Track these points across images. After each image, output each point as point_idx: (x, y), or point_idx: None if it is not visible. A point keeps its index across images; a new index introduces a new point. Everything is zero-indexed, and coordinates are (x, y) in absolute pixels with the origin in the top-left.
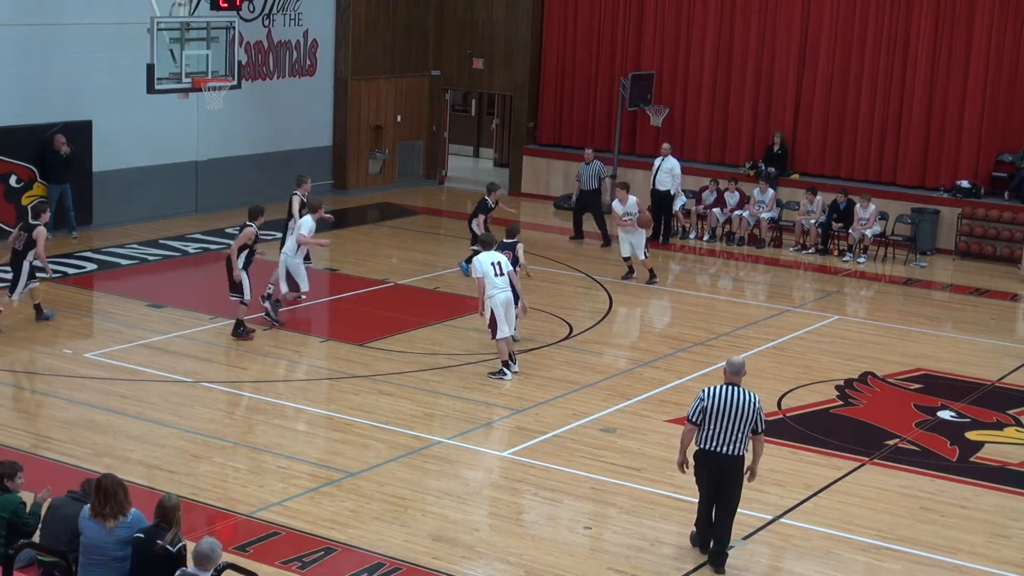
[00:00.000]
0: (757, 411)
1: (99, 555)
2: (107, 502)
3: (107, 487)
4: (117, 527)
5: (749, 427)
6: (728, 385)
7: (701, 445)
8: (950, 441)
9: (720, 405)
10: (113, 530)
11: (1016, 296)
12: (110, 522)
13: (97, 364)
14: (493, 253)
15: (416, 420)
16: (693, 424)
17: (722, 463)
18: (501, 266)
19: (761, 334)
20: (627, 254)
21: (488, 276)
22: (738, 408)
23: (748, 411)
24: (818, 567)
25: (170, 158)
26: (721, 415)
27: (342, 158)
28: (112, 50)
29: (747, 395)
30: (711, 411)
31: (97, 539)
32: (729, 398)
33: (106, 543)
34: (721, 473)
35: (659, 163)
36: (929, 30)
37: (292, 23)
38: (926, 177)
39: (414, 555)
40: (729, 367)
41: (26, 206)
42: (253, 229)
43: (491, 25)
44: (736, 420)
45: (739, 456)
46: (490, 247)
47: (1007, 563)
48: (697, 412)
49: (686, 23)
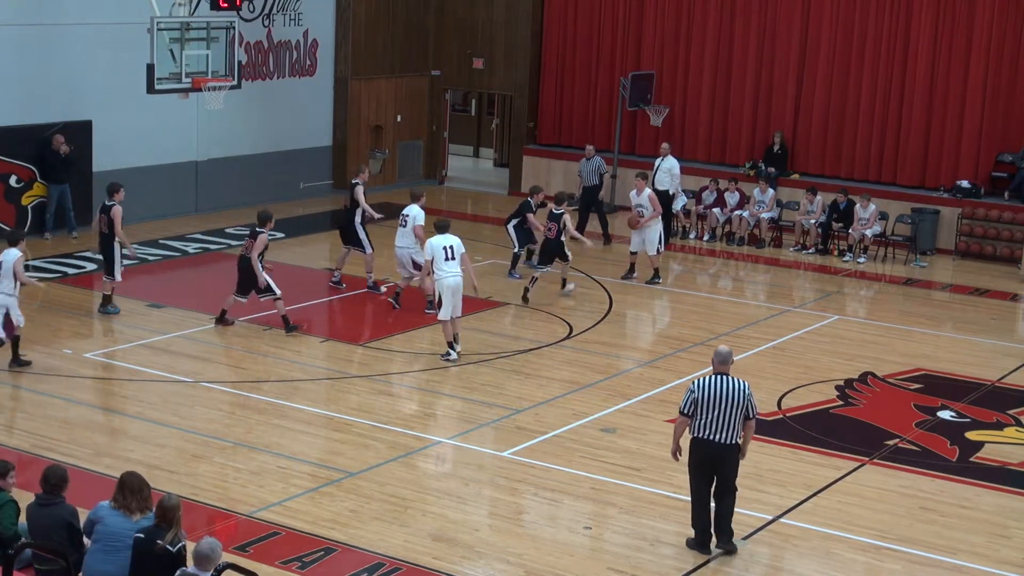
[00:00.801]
0: (748, 397)
1: (118, 542)
2: (134, 496)
3: (132, 484)
4: (142, 519)
5: (741, 413)
6: (717, 375)
7: (695, 434)
8: (950, 441)
9: (711, 395)
10: (138, 521)
11: (1016, 296)
12: (136, 516)
13: (97, 364)
14: (447, 236)
15: (416, 420)
16: (685, 416)
17: (716, 451)
18: (453, 250)
19: (761, 334)
20: (635, 249)
21: (438, 259)
22: (730, 396)
23: (739, 398)
24: (818, 567)
25: (170, 158)
26: (713, 404)
27: (342, 158)
28: (112, 50)
29: (737, 382)
30: (703, 401)
31: (120, 527)
32: (719, 387)
33: (125, 532)
34: (715, 460)
35: (659, 163)
36: (929, 30)
37: (292, 23)
38: (926, 177)
39: (414, 555)
40: (716, 357)
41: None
42: (266, 236)
43: (491, 25)
44: (728, 408)
45: (733, 444)
46: (444, 231)
47: (1007, 563)
48: (688, 404)
49: (686, 23)
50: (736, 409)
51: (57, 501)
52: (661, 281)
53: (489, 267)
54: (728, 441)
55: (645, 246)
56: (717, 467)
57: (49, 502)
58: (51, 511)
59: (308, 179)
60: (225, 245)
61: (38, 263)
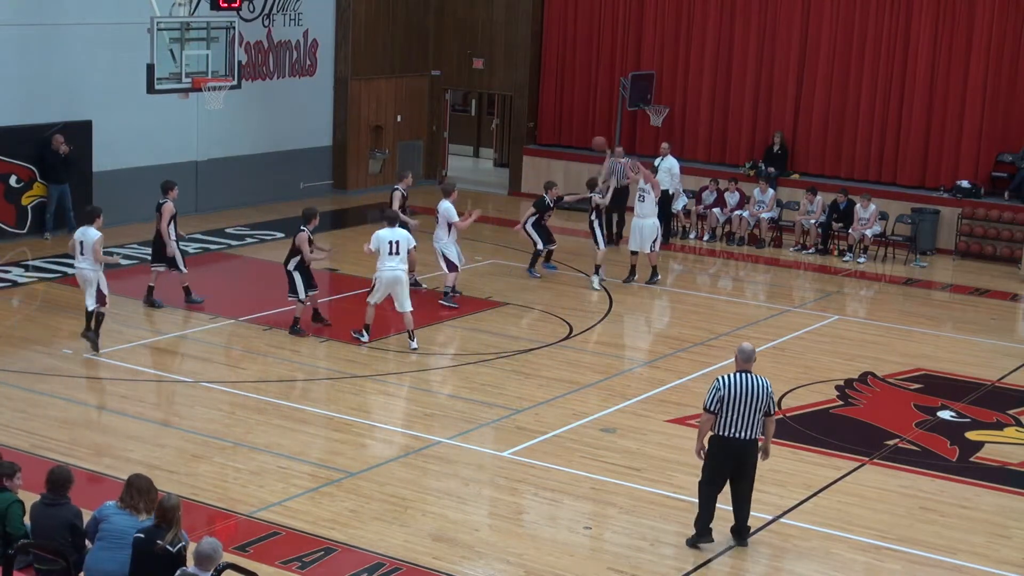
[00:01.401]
0: (770, 395)
1: (122, 539)
2: (142, 497)
3: (140, 486)
4: (148, 519)
5: (762, 410)
6: (742, 372)
7: (720, 432)
8: (950, 441)
9: (737, 393)
10: (143, 521)
11: (1016, 296)
12: (143, 516)
13: (97, 364)
14: (394, 230)
15: (416, 420)
16: (711, 413)
17: (741, 448)
18: (398, 245)
19: (761, 334)
20: (635, 248)
21: (382, 252)
22: (753, 394)
23: (763, 396)
24: (818, 567)
25: (170, 158)
26: (738, 402)
27: (342, 158)
28: (112, 50)
29: (760, 380)
30: (728, 399)
31: (124, 525)
32: (745, 385)
33: (128, 530)
34: (739, 457)
35: (658, 163)
36: (929, 30)
37: (292, 23)
38: (926, 177)
39: (414, 555)
40: (741, 355)
41: (25, 206)
42: (306, 234)
43: (491, 25)
44: (752, 405)
45: (755, 440)
46: (392, 224)
47: (1007, 563)
48: (715, 401)
49: (686, 23)
50: (758, 406)
51: (63, 502)
52: (660, 279)
53: (489, 267)
54: (751, 438)
55: (643, 244)
56: (740, 465)
57: (55, 502)
58: (56, 511)
59: (308, 179)
60: (225, 245)
61: (38, 263)
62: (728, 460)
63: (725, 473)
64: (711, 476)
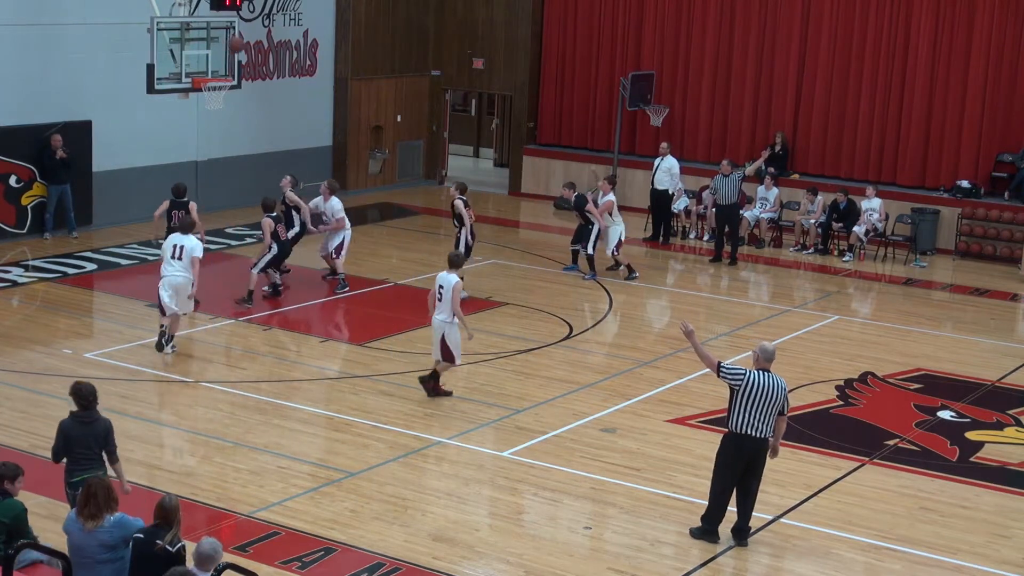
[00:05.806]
0: (786, 395)
1: (82, 557)
2: (87, 503)
3: (89, 487)
4: (97, 530)
5: (777, 410)
6: (762, 371)
7: (735, 429)
8: (950, 441)
9: (758, 391)
10: (93, 533)
11: (1016, 296)
12: (88, 524)
13: (97, 364)
14: (185, 237)
15: (416, 420)
16: (720, 376)
17: (755, 446)
18: (182, 251)
19: (761, 334)
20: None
21: (165, 257)
22: (772, 394)
23: (779, 395)
24: (818, 567)
25: (170, 158)
26: (757, 400)
27: (342, 158)
28: (112, 50)
29: (778, 380)
30: (747, 395)
31: (79, 541)
32: (766, 385)
33: (87, 545)
34: (751, 455)
35: (658, 163)
36: (929, 30)
37: (292, 23)
38: (926, 177)
39: (414, 555)
40: (763, 354)
41: (25, 206)
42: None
43: (491, 25)
44: (769, 405)
45: (767, 439)
46: (186, 232)
47: (1007, 563)
48: (734, 378)
49: (686, 23)
50: (774, 406)
51: (96, 417)
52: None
53: (489, 267)
54: (764, 436)
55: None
56: (752, 462)
57: (88, 419)
58: (91, 428)
59: (308, 179)
60: (225, 245)
61: (38, 263)
62: (741, 457)
63: (737, 470)
64: (725, 475)
